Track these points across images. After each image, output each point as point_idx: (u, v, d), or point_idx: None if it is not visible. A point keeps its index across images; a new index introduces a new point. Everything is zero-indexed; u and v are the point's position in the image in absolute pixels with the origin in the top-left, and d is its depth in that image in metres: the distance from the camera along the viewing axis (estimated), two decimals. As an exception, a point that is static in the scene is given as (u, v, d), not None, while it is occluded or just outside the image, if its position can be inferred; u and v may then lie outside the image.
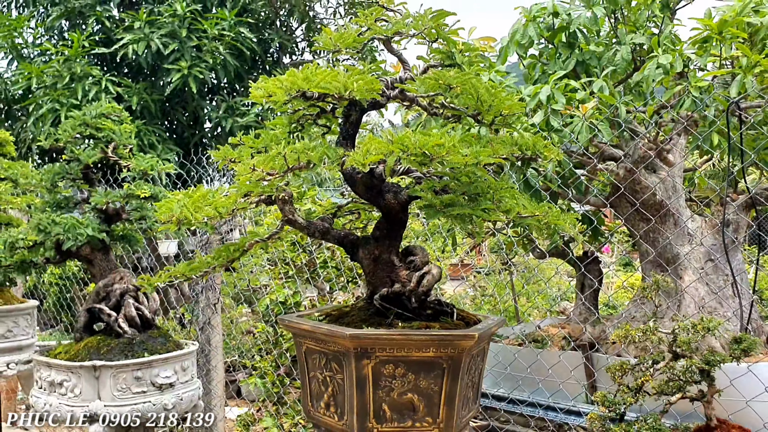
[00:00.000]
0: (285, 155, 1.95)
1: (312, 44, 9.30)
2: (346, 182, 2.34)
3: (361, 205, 2.73)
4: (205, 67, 7.15)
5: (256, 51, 7.79)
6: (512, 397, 4.52)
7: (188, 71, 6.99)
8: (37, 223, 3.18)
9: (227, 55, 7.30)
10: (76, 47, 6.99)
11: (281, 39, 8.33)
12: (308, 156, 1.98)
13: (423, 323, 2.19)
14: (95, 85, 6.92)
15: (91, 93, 6.83)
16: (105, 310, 3.31)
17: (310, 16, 8.54)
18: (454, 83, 1.98)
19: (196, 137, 7.95)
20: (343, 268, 4.51)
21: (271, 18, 8.38)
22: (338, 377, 2.16)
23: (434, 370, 2.11)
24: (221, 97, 7.74)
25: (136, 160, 3.41)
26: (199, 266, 2.58)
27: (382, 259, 2.33)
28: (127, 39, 7.07)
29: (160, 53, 7.15)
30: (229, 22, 7.34)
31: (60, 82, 6.94)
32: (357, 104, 2.32)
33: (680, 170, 4.81)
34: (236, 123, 7.43)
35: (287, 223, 2.40)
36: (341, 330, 2.08)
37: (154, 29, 7.16)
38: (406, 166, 2.18)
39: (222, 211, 2.10)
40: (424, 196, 1.99)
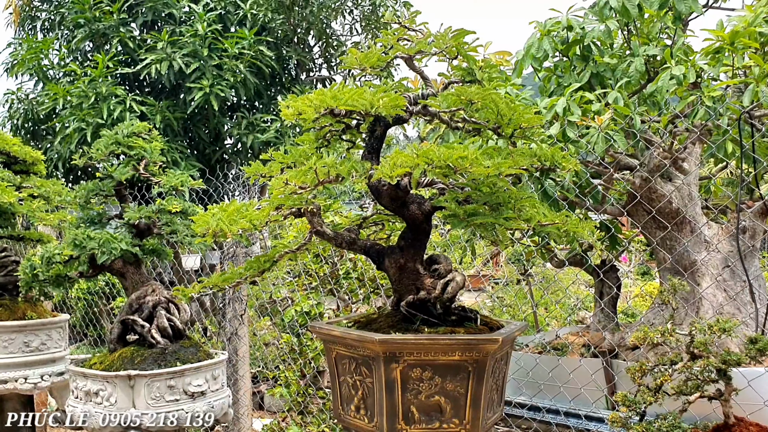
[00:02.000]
0: (316, 170, 2.06)
1: (329, 60, 9.46)
2: (372, 194, 2.45)
3: (385, 217, 2.84)
4: (226, 84, 7.30)
5: (275, 68, 7.94)
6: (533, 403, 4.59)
7: (210, 89, 7.15)
8: (73, 238, 3.31)
9: (247, 72, 7.45)
10: (101, 68, 7.18)
11: (299, 56, 8.48)
12: (338, 170, 2.09)
13: (448, 328, 2.28)
14: (120, 105, 7.09)
15: (116, 112, 6.99)
16: (138, 322, 3.43)
17: (327, 33, 8.69)
18: (475, 98, 2.09)
19: (217, 154, 8.10)
20: (365, 279, 4.61)
21: (289, 36, 8.54)
22: (368, 381, 2.26)
23: (460, 373, 2.20)
24: (242, 113, 7.89)
25: (167, 177, 3.54)
26: (232, 277, 2.70)
27: (407, 267, 2.43)
28: (150, 59, 7.25)
29: (182, 72, 7.32)
30: (249, 41, 7.50)
31: (85, 102, 7.12)
32: (381, 120, 2.44)
33: (695, 178, 4.89)
34: (257, 139, 7.57)
35: (316, 234, 2.51)
36: (371, 335, 2.18)
37: (176, 49, 7.33)
38: (431, 178, 2.29)
39: (256, 223, 2.21)
40: (448, 206, 2.09)
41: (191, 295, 2.66)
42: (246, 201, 5.26)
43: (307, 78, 9.20)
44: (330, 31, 8.72)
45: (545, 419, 4.64)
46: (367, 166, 2.12)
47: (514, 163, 1.99)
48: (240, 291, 4.39)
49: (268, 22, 7.94)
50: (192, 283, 2.94)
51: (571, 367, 4.49)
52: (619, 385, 4.55)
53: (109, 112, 7.02)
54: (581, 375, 4.49)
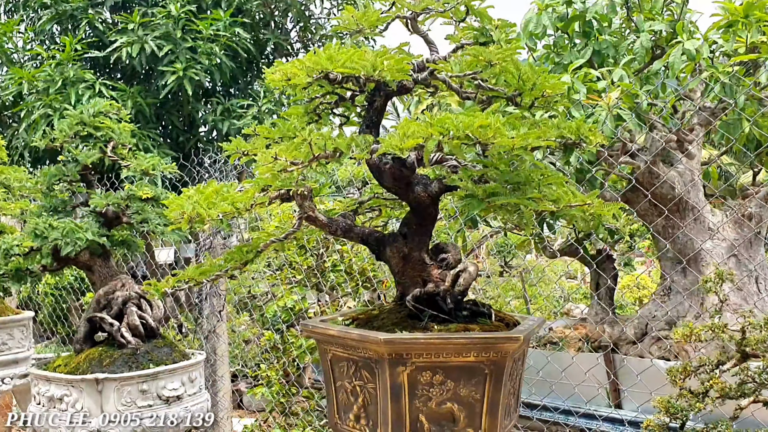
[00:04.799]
0: (311, 142, 1.76)
1: (307, 45, 9.12)
2: (372, 174, 2.16)
3: (382, 201, 2.55)
4: (201, 68, 6.96)
5: (251, 52, 7.60)
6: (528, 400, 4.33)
7: (183, 73, 6.80)
8: (34, 228, 2.99)
9: (223, 56, 7.11)
10: (68, 51, 6.80)
11: (277, 39, 8.14)
12: (335, 143, 1.79)
13: (461, 325, 2.00)
14: (89, 90, 6.72)
15: (85, 98, 6.63)
16: (107, 320, 3.11)
17: (306, 15, 8.36)
18: (495, 59, 1.81)
19: (191, 141, 7.75)
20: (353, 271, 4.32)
21: (266, 18, 8.20)
22: (370, 386, 1.98)
23: (475, 376, 1.93)
24: (217, 99, 7.54)
25: (137, 160, 3.22)
26: (211, 269, 2.40)
27: (412, 257, 2.14)
28: (121, 41, 6.88)
29: (155, 55, 6.96)
30: (224, 22, 7.16)
31: (52, 86, 6.74)
32: (382, 89, 2.15)
33: (698, 163, 4.66)
34: (233, 125, 7.24)
35: (307, 221, 2.21)
36: (374, 335, 1.90)
37: (148, 31, 6.97)
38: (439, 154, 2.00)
39: (239, 206, 1.91)
40: (464, 186, 1.81)
41: (165, 291, 2.35)
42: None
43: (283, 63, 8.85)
44: (309, 14, 8.39)
45: (542, 417, 4.40)
46: (369, 139, 1.84)
47: (541, 134, 1.71)
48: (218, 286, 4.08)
49: (245, 3, 7.59)
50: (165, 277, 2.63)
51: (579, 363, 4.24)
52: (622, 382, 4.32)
53: (77, 97, 6.64)
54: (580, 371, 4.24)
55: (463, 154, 1.74)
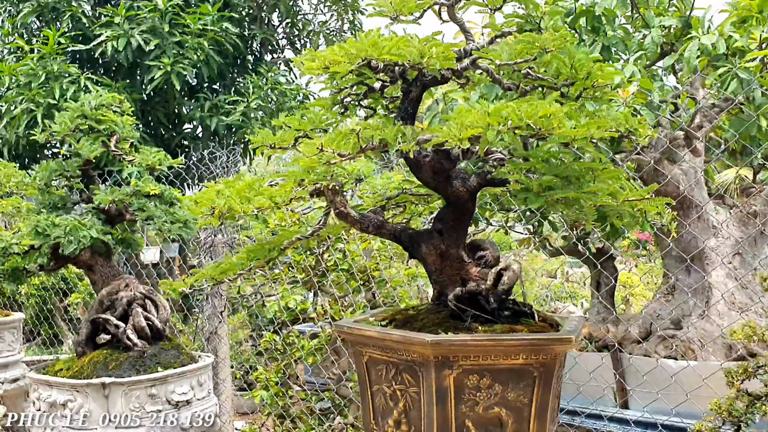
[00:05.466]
0: (359, 134, 1.66)
1: (293, 42, 8.99)
2: (410, 168, 2.06)
3: (409, 197, 2.45)
4: (188, 63, 6.80)
5: (239, 47, 7.46)
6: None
7: (171, 68, 6.64)
8: (35, 225, 2.84)
9: (211, 51, 6.95)
10: (51, 44, 6.60)
11: (265, 35, 8.00)
12: (383, 134, 1.69)
13: (506, 326, 1.92)
14: (73, 84, 6.53)
15: (69, 92, 6.44)
16: (112, 321, 2.98)
17: (295, 11, 8.23)
18: (551, 46, 1.72)
19: (176, 138, 7.58)
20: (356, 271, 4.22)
21: (254, 13, 8.06)
22: (412, 391, 1.88)
23: (524, 379, 1.84)
24: (204, 95, 7.38)
25: (142, 155, 3.09)
26: (232, 268, 2.29)
27: (449, 254, 2.05)
28: (106, 35, 6.70)
29: (141, 50, 6.79)
30: (212, 17, 7.01)
31: (35, 81, 6.53)
32: (419, 79, 2.05)
33: (701, 161, 4.62)
34: (221, 122, 7.09)
35: (338, 217, 2.11)
36: (420, 336, 1.80)
37: (134, 25, 6.80)
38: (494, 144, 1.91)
39: (278, 201, 1.81)
40: (518, 179, 1.72)
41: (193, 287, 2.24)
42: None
43: (271, 59, 8.72)
44: (297, 9, 8.26)
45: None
46: (417, 130, 1.74)
47: (601, 125, 1.62)
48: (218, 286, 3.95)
49: (232, -2, 7.45)
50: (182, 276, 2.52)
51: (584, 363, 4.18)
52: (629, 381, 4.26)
53: (61, 92, 6.45)
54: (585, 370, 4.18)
55: (521, 145, 1.64)
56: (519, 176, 1.71)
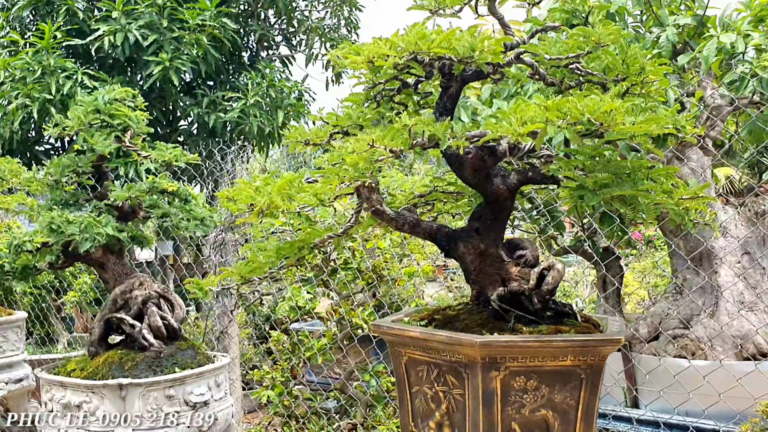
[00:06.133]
0: (411, 129, 1.61)
1: (289, 38, 8.92)
2: (449, 164, 2.01)
3: (440, 195, 2.41)
4: (187, 59, 6.71)
5: (237, 43, 7.38)
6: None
7: (169, 63, 6.54)
8: (50, 221, 2.77)
9: (209, 47, 6.87)
10: (47, 39, 6.48)
11: (263, 31, 7.93)
12: (434, 130, 1.65)
13: (552, 327, 1.88)
14: (69, 79, 6.42)
15: (66, 87, 6.32)
16: (127, 320, 2.91)
17: (292, 6, 8.15)
18: (606, 40, 1.68)
19: (173, 135, 7.49)
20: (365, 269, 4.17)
21: (251, 8, 7.98)
22: (456, 393, 1.84)
23: (571, 381, 1.80)
24: (202, 91, 7.29)
25: (158, 150, 3.02)
26: (262, 266, 2.24)
27: (489, 254, 2.01)
28: (103, 30, 6.59)
29: (138, 45, 6.69)
30: (211, 12, 6.92)
31: (30, 76, 6.41)
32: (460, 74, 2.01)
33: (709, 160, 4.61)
34: (220, 118, 7.01)
35: (374, 214, 2.06)
36: (468, 337, 1.76)
37: (131, 20, 6.70)
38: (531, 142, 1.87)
39: (323, 198, 1.76)
40: (572, 175, 1.68)
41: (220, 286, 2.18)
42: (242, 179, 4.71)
43: (267, 56, 8.64)
44: (294, 5, 8.19)
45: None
46: (468, 125, 1.69)
47: (659, 122, 1.59)
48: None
49: (231, -7, 7.36)
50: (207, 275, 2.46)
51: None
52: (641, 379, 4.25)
53: (57, 87, 6.34)
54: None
55: (580, 141, 1.60)
56: (572, 173, 1.67)
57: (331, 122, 1.99)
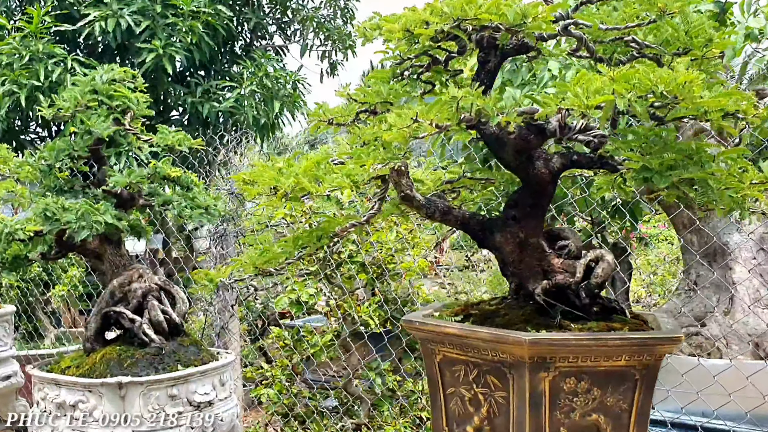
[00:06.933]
0: (459, 102, 1.45)
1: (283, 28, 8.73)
2: (488, 145, 1.85)
3: (469, 181, 2.25)
4: (181, 46, 6.50)
5: (231, 31, 7.18)
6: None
7: (163, 50, 6.34)
8: (44, 208, 2.58)
9: (203, 34, 6.66)
10: (35, 23, 6.26)
11: (258, 19, 7.73)
12: (484, 103, 1.48)
13: (602, 324, 1.72)
14: (58, 66, 6.20)
15: (55, 74, 6.11)
16: (126, 315, 2.73)
17: (289, -6, 7.96)
18: (674, 8, 1.52)
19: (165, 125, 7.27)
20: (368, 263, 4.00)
21: (246, -3, 7.78)
22: (498, 395, 1.68)
23: (625, 382, 1.65)
24: (196, 80, 7.09)
25: (161, 134, 2.84)
26: (278, 256, 2.07)
27: (529, 243, 1.85)
28: (94, 15, 6.37)
29: (130, 31, 6.47)
30: (205, -2, 6.72)
31: (17, 62, 6.19)
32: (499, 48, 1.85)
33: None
34: (214, 108, 6.81)
35: (403, 200, 1.90)
36: (515, 334, 1.59)
37: (123, 5, 6.48)
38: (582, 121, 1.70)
39: (357, 180, 1.59)
40: (634, 157, 1.52)
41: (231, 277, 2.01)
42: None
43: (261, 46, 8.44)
44: (290, -6, 8.00)
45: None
46: (520, 99, 1.53)
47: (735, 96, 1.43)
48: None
49: (225, -21, 7.14)
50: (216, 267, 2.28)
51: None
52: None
53: (46, 73, 6.12)
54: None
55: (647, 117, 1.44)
56: (634, 155, 1.51)
57: (359, 99, 1.82)
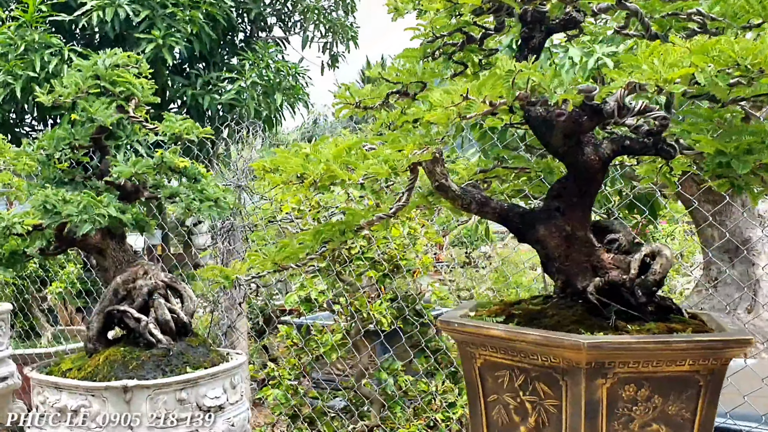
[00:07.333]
0: (515, 78, 1.29)
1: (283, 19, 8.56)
2: (533, 129, 1.69)
3: (503, 171, 2.09)
4: (181, 37, 6.32)
5: (232, 22, 7.01)
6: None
7: (163, 41, 6.16)
8: (44, 200, 2.42)
9: (204, 24, 6.49)
10: (31, 12, 6.08)
11: (259, 10, 7.55)
12: (540, 79, 1.33)
13: (661, 325, 1.57)
14: (55, 57, 6.02)
15: (51, 65, 5.93)
16: (131, 314, 2.57)
17: (290, -15, 7.79)
18: (753, -27, 1.37)
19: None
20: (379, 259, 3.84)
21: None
22: (549, 403, 1.52)
23: (688, 389, 1.50)
24: (196, 71, 6.92)
25: (167, 122, 2.67)
26: (298, 251, 1.91)
27: (577, 237, 1.70)
28: (92, 5, 6.19)
29: (128, 21, 6.30)
30: (206, -13, 6.54)
31: (12, 52, 6.01)
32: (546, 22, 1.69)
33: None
34: (215, 100, 6.64)
35: (438, 190, 1.75)
36: (571, 338, 1.44)
37: (121, -6, 6.31)
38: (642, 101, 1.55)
39: (396, 166, 1.43)
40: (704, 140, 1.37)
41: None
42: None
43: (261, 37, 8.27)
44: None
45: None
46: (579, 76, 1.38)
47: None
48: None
49: (226, -31, 6.97)
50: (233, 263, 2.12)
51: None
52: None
53: (42, 64, 5.94)
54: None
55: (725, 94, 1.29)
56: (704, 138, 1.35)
57: (392, 78, 1.66)
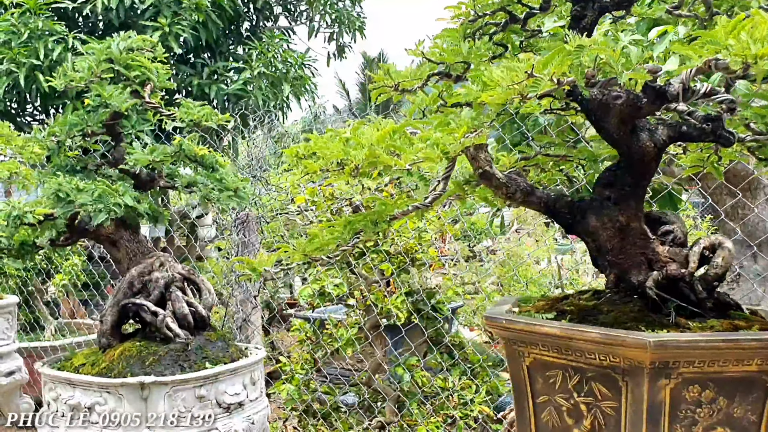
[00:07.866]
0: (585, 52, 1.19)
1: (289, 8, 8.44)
2: (586, 113, 1.59)
3: (544, 159, 1.99)
4: (187, 25, 6.21)
5: (239, 10, 6.89)
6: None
7: (169, 29, 6.05)
8: (57, 189, 2.32)
9: (210, 12, 6.37)
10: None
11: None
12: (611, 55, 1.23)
13: (725, 322, 1.47)
14: (59, 44, 5.90)
15: (55, 53, 5.81)
16: (148, 307, 2.47)
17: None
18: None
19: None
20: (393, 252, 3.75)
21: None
22: (606, 405, 1.43)
23: (754, 390, 1.40)
24: (202, 61, 6.80)
25: (185, 108, 2.57)
26: (329, 242, 1.81)
27: (631, 229, 1.60)
28: (96, -9, 6.07)
29: (134, 9, 6.19)
30: (212, -25, 6.42)
31: (16, 39, 5.89)
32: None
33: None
34: (222, 90, 6.53)
35: (481, 178, 1.65)
36: (636, 336, 1.34)
37: (127, -19, 6.19)
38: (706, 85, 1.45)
39: (449, 150, 1.33)
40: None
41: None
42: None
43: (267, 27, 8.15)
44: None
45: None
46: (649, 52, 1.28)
47: None
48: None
49: (232, -44, 6.85)
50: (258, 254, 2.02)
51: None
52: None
53: (46, 52, 5.83)
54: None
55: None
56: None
57: (435, 58, 1.56)
